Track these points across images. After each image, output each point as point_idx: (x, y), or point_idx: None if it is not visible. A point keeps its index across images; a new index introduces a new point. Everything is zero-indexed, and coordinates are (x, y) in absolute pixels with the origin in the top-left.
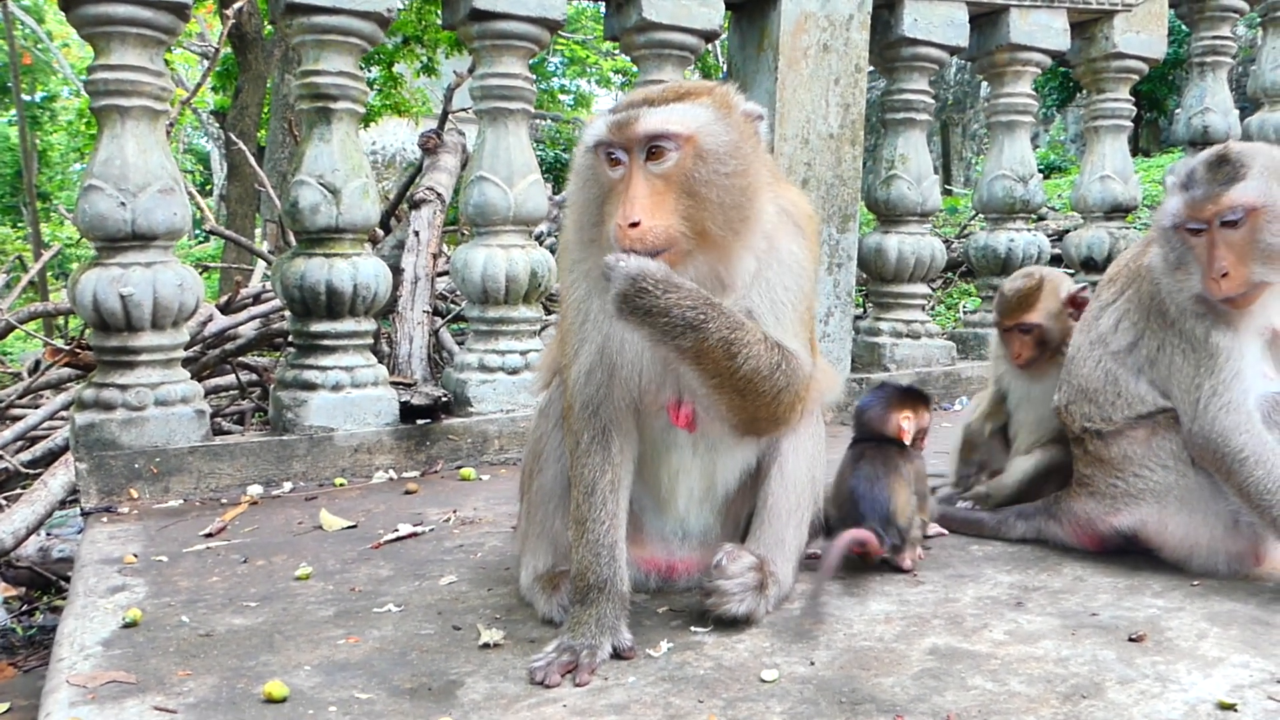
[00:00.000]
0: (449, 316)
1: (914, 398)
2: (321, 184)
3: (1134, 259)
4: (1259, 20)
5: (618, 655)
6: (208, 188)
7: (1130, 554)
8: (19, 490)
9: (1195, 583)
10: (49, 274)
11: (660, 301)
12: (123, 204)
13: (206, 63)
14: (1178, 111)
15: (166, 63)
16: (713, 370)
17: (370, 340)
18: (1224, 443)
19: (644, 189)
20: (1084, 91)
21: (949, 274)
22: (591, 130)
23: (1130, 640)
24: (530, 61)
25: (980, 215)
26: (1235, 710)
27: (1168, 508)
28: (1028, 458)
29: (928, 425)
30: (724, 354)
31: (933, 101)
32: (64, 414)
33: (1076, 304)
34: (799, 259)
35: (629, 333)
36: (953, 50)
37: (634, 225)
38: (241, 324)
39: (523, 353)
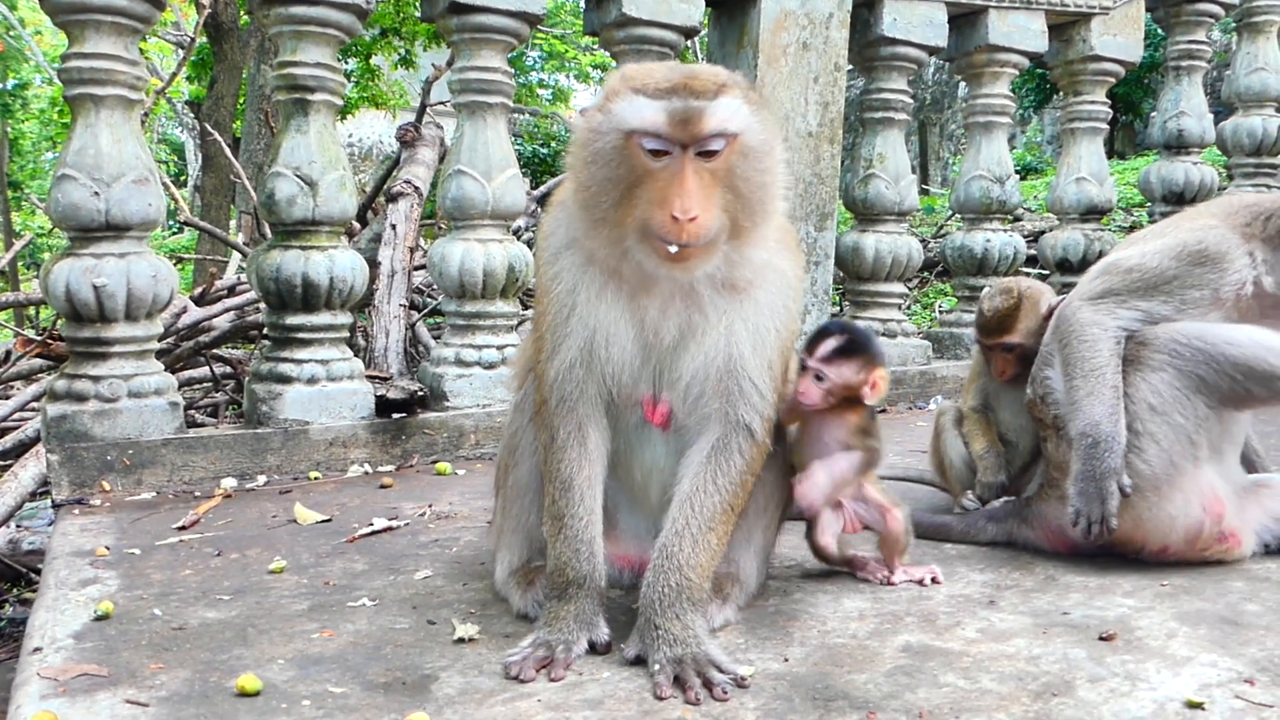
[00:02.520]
0: (425, 310)
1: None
2: (298, 176)
3: (1183, 216)
4: (1234, 25)
5: (594, 650)
6: (182, 179)
7: (1101, 556)
8: None
9: (1165, 583)
10: (20, 264)
11: None
12: (96, 194)
13: (181, 52)
14: (1153, 115)
15: (141, 52)
16: None
17: (346, 333)
18: (1081, 327)
19: (696, 182)
20: (1061, 94)
21: (925, 273)
22: (636, 115)
23: (1101, 639)
24: (509, 55)
25: (957, 215)
26: (1203, 709)
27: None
28: None
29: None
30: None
31: (911, 101)
32: (35, 405)
33: None
34: (789, 280)
35: (617, 327)
36: (931, 50)
37: (692, 220)
38: (216, 316)
39: (499, 347)
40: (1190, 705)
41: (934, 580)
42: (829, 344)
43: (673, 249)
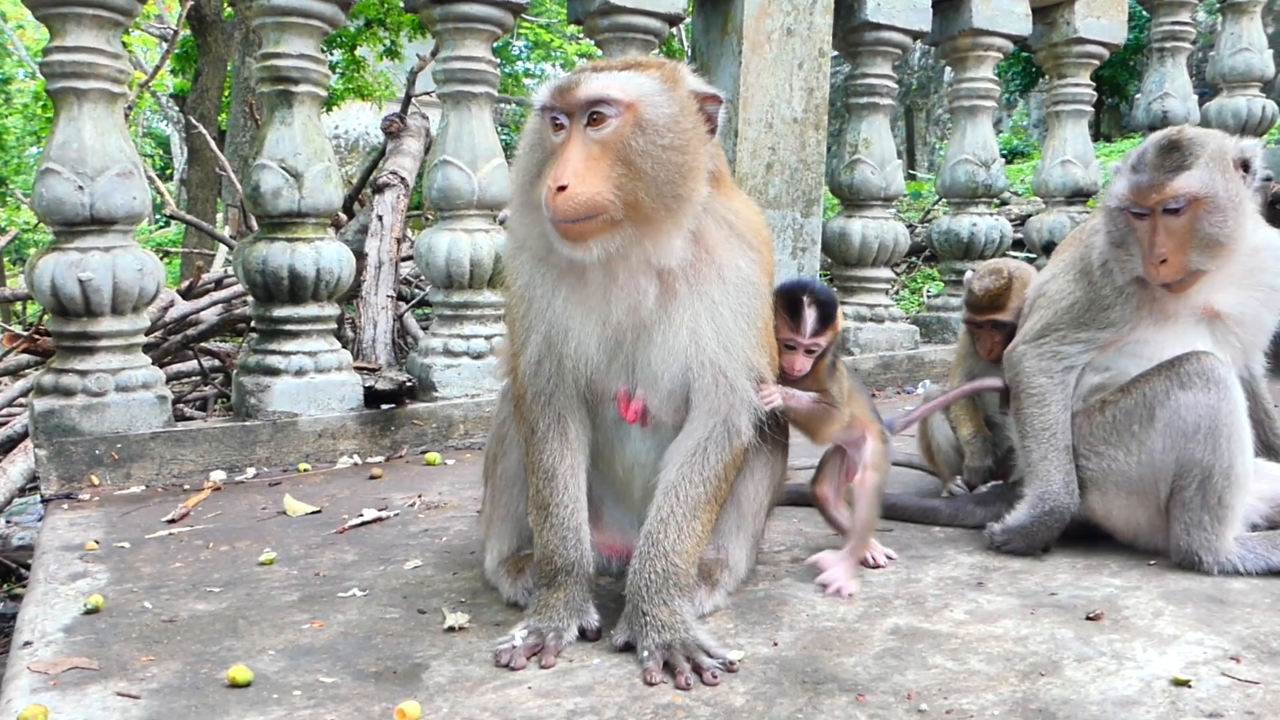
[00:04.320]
0: (413, 301)
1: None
2: (283, 168)
3: (1082, 226)
4: (1218, 6)
5: (584, 636)
6: (168, 172)
7: (1088, 537)
8: None
9: (1152, 562)
10: (5, 259)
11: None
12: (80, 188)
13: (165, 45)
14: (1138, 96)
15: (124, 45)
16: None
17: (334, 325)
18: (1028, 378)
19: (579, 154)
20: (1045, 77)
21: (912, 258)
22: (539, 93)
23: (1088, 619)
24: (494, 45)
25: (943, 200)
26: (1189, 686)
27: (1108, 492)
28: None
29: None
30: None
31: (896, 86)
32: (22, 401)
33: None
34: (748, 276)
35: (573, 322)
36: (916, 35)
37: (562, 189)
38: (203, 309)
39: (487, 337)
40: (1177, 683)
41: (876, 564)
42: (811, 317)
43: (558, 221)
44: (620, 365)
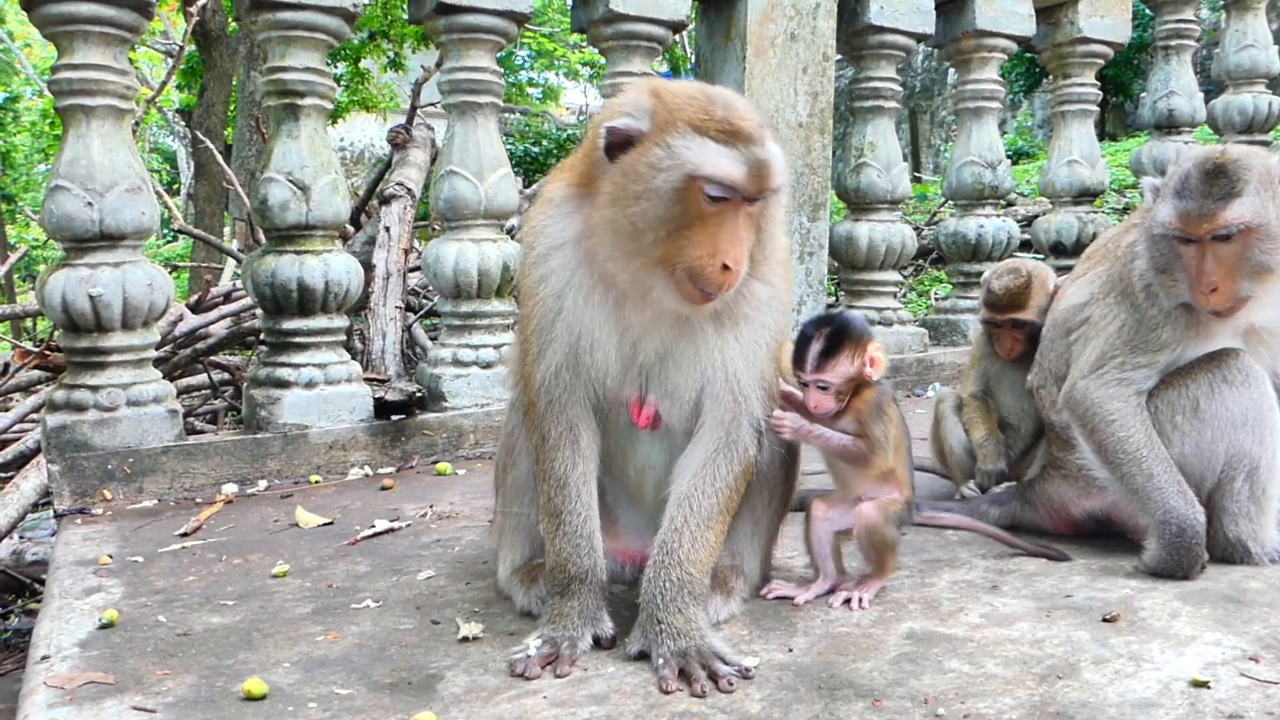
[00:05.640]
0: (421, 312)
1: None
2: (290, 181)
3: (1113, 239)
4: (1222, 3)
5: (598, 645)
6: (175, 187)
7: (1103, 536)
8: None
9: None
10: (16, 277)
11: None
12: (89, 204)
13: (171, 61)
14: (1143, 95)
15: (131, 62)
16: None
17: (343, 337)
18: (1100, 408)
19: (745, 232)
20: (1050, 77)
21: (920, 261)
22: (708, 163)
23: (1104, 621)
24: (498, 55)
25: (950, 202)
26: (1208, 687)
27: None
28: None
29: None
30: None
31: (901, 89)
32: (34, 417)
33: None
34: (770, 297)
35: (601, 332)
36: (919, 37)
37: (726, 268)
38: (212, 323)
39: (496, 347)
40: (1195, 684)
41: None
42: (814, 351)
43: (710, 293)
44: (637, 373)
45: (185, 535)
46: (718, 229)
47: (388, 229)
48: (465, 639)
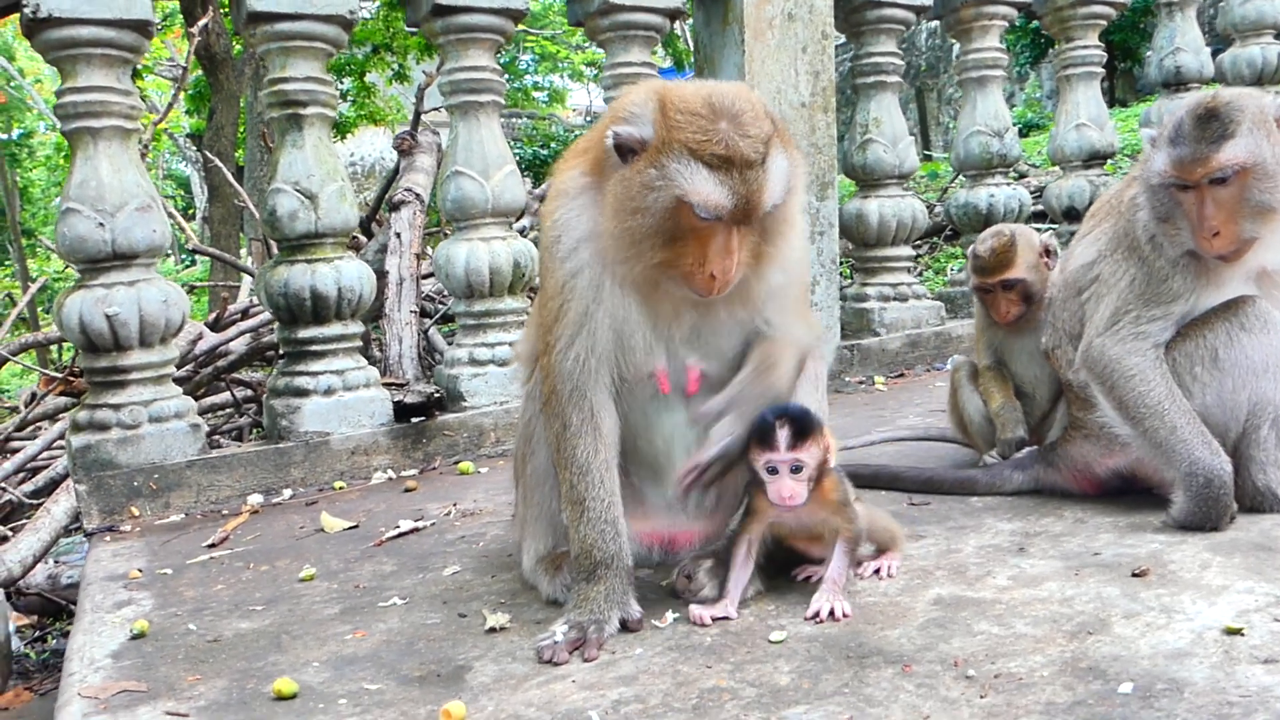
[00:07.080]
0: (437, 317)
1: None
2: (298, 190)
3: (1115, 195)
4: None
5: (625, 628)
6: (190, 211)
7: (1129, 494)
8: (24, 521)
9: None
10: (38, 308)
11: None
12: (101, 224)
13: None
14: (1149, 55)
15: (139, 87)
16: None
17: (359, 343)
18: (1117, 363)
19: (735, 245)
20: (1055, 45)
21: (934, 238)
22: (696, 191)
23: (1134, 576)
24: (497, 53)
25: (959, 174)
26: (1242, 634)
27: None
28: None
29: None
30: None
31: (902, 63)
32: (62, 443)
33: (1050, 253)
34: (800, 256)
35: (632, 318)
36: (918, 10)
37: (713, 276)
38: (231, 340)
39: (512, 344)
40: (1229, 632)
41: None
42: (787, 431)
43: (696, 293)
44: (673, 348)
45: (213, 546)
46: (708, 242)
47: (399, 235)
48: (492, 629)
